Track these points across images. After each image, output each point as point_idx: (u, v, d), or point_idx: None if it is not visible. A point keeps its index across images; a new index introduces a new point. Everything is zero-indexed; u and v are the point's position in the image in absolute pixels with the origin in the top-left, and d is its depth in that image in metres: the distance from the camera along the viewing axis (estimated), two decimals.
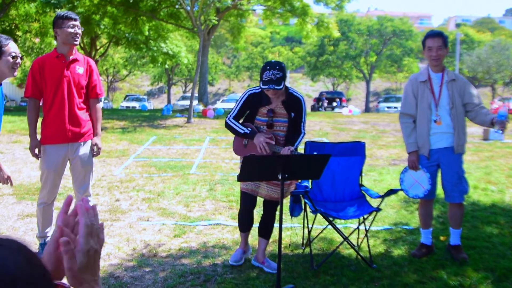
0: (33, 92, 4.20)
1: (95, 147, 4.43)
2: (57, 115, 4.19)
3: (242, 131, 4.00)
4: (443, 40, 4.37)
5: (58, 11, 19.88)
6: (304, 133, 4.13)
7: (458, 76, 4.49)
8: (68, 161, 4.35)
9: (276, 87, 3.83)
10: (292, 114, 4.06)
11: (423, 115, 4.42)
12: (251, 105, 4.09)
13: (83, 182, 4.38)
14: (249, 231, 4.37)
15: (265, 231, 4.26)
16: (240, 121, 4.14)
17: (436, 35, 4.41)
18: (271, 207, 4.19)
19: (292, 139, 4.05)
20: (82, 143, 4.33)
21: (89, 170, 4.40)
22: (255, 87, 4.16)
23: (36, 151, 4.26)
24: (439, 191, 4.63)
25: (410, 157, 4.44)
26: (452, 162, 4.37)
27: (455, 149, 4.35)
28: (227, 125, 4.10)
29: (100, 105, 4.57)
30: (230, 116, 4.12)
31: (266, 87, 3.85)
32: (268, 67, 3.87)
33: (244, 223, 4.29)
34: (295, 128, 4.11)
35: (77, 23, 4.22)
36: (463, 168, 4.45)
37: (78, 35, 4.21)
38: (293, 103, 4.09)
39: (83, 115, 4.34)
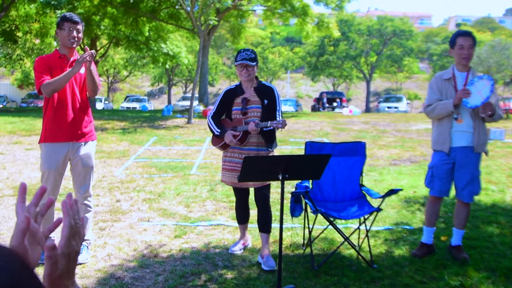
0: (48, 76, 4.08)
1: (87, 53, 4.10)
2: (59, 114, 4.19)
3: (216, 133, 4.31)
4: (473, 40, 4.39)
5: (58, 12, 19.98)
6: (283, 120, 4.02)
7: (483, 77, 4.47)
8: (69, 162, 4.35)
9: (249, 62, 4.19)
10: (265, 101, 4.27)
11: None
12: (227, 100, 4.40)
13: (83, 182, 4.38)
14: (246, 223, 4.65)
15: (263, 225, 4.37)
16: (223, 117, 4.45)
17: (467, 34, 4.43)
18: (260, 198, 4.34)
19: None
20: (83, 143, 4.33)
21: (89, 171, 4.40)
22: (232, 85, 4.52)
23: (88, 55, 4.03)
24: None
25: (456, 100, 4.26)
26: (469, 162, 4.36)
27: (475, 148, 4.34)
28: (208, 124, 4.40)
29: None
30: (210, 114, 4.42)
31: (240, 61, 4.20)
32: (242, 51, 4.31)
33: (242, 213, 4.63)
34: (270, 115, 4.24)
35: (78, 26, 4.19)
36: (479, 169, 4.43)
37: (75, 38, 4.18)
38: (265, 91, 4.33)
39: (84, 115, 4.35)
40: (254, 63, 4.24)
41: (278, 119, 4.19)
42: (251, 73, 4.26)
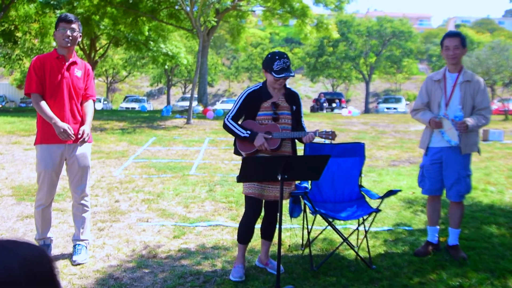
0: (38, 88, 4.14)
1: (81, 132, 4.26)
2: (55, 115, 4.18)
3: (243, 135, 3.89)
4: (460, 40, 4.40)
5: (58, 12, 19.98)
6: (332, 132, 3.98)
7: (474, 78, 4.45)
8: (65, 162, 4.34)
9: (290, 74, 3.84)
10: (294, 107, 4.07)
11: (433, 113, 4.49)
12: (251, 103, 4.02)
13: (80, 182, 4.37)
14: (249, 243, 4.17)
15: (268, 233, 4.18)
16: (240, 122, 4.06)
17: (453, 35, 4.46)
18: (275, 208, 4.07)
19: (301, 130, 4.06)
20: (79, 144, 4.32)
21: (86, 171, 4.39)
22: (252, 85, 4.15)
23: (68, 130, 4.10)
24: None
25: (432, 123, 4.38)
26: (455, 161, 4.40)
27: (462, 150, 4.37)
28: (226, 126, 4.00)
29: (92, 102, 4.50)
30: (229, 116, 4.02)
31: (283, 75, 3.82)
32: (277, 57, 3.85)
33: (248, 234, 4.07)
34: (298, 122, 4.12)
35: (72, 25, 4.18)
36: (469, 169, 4.46)
37: (70, 38, 4.17)
38: (293, 97, 4.11)
39: (80, 117, 4.34)
40: (293, 73, 3.92)
41: (303, 125, 4.14)
42: (282, 84, 3.98)
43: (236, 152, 4.09)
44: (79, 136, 4.27)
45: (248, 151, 3.93)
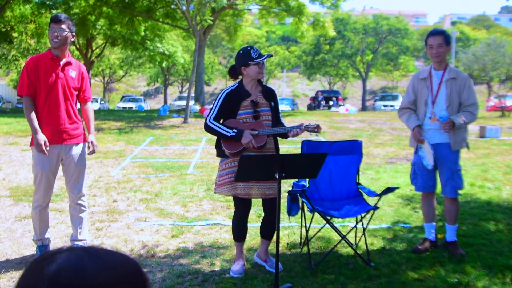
0: (29, 90, 4.15)
1: (90, 145, 4.42)
2: (50, 116, 4.18)
3: (229, 134, 3.86)
4: (443, 38, 4.41)
5: (54, 12, 19.92)
6: (317, 125, 4.04)
7: (460, 75, 4.48)
8: (61, 163, 4.34)
9: (270, 54, 4.08)
10: (272, 104, 4.09)
11: (420, 111, 4.55)
12: (230, 103, 4.01)
13: (77, 182, 4.37)
14: (244, 241, 4.19)
15: (267, 232, 4.16)
16: (221, 121, 4.03)
17: (437, 33, 4.48)
18: (272, 205, 4.02)
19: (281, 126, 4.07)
20: (75, 144, 4.32)
21: (82, 171, 4.39)
22: (229, 86, 4.16)
23: (43, 146, 4.08)
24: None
25: (414, 134, 4.50)
26: (446, 158, 4.44)
27: (452, 146, 4.42)
28: (208, 128, 3.97)
29: (91, 105, 4.57)
30: (210, 117, 3.99)
31: (264, 57, 3.94)
32: (249, 48, 3.99)
33: (242, 231, 4.12)
34: (277, 119, 4.12)
35: (61, 25, 4.16)
36: (459, 164, 4.50)
37: (58, 38, 4.15)
38: (270, 94, 4.13)
39: (76, 117, 4.34)
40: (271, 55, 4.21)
41: (282, 121, 4.13)
42: (261, 75, 4.03)
43: (220, 154, 4.06)
44: (89, 150, 4.40)
45: (235, 150, 3.89)
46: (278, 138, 4.17)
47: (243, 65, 3.99)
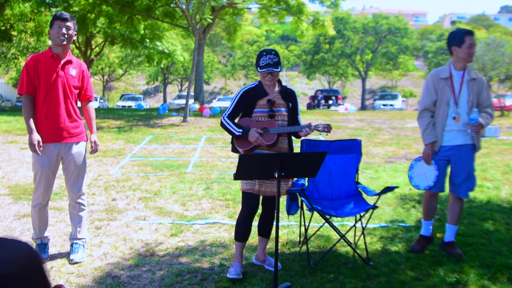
0: (28, 89, 4.15)
1: (93, 144, 4.44)
2: (51, 114, 4.17)
3: (237, 133, 3.90)
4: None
5: (53, 10, 19.90)
6: (328, 124, 4.04)
7: (478, 76, 4.50)
8: (61, 161, 4.34)
9: (274, 69, 3.89)
10: (290, 105, 4.07)
11: (441, 111, 4.45)
12: (247, 100, 4.03)
13: (76, 181, 4.37)
14: (247, 241, 4.11)
15: (266, 230, 4.17)
16: (236, 120, 4.06)
17: (473, 33, 4.52)
18: (272, 204, 4.06)
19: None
20: (75, 143, 4.32)
21: (82, 170, 4.39)
22: (249, 84, 4.17)
23: (37, 146, 4.08)
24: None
25: (426, 150, 4.48)
26: (465, 159, 4.42)
27: (477, 147, 4.46)
28: (222, 124, 4.02)
29: (92, 104, 4.58)
30: (225, 114, 4.02)
31: (265, 70, 3.89)
32: (264, 53, 3.94)
33: (246, 230, 4.04)
34: (295, 120, 4.12)
35: (67, 23, 4.17)
36: (474, 166, 4.50)
37: (65, 35, 4.16)
38: (289, 94, 4.12)
39: (76, 115, 4.33)
40: (279, 69, 3.96)
41: (300, 123, 4.13)
42: (275, 77, 4.00)
43: (234, 149, 4.09)
44: (92, 149, 4.45)
45: (246, 148, 3.93)
46: (293, 138, 4.17)
47: (255, 67, 4.03)
